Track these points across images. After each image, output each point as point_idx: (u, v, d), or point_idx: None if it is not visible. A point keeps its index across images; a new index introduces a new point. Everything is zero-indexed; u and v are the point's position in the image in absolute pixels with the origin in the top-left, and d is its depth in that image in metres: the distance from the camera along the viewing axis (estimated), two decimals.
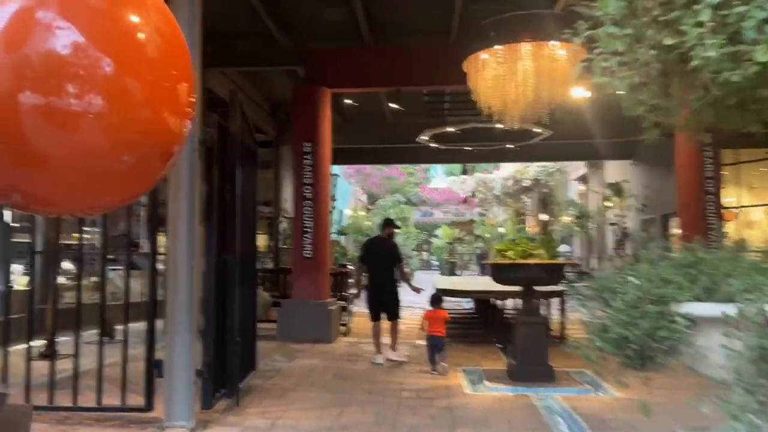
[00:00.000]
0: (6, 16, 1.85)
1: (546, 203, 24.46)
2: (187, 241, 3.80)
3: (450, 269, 24.33)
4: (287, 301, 7.63)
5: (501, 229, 29.40)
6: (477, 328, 8.82)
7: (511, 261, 5.19)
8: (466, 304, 11.17)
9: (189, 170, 3.78)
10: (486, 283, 9.42)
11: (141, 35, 2.08)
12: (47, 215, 3.29)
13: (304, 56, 7.96)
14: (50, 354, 5.43)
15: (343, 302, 8.32)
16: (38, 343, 5.74)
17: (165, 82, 2.16)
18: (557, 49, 5.22)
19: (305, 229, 7.67)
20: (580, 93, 7.67)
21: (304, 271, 7.63)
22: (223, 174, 4.22)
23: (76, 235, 9.57)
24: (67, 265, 8.78)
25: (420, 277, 29.50)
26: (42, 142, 1.91)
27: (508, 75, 5.23)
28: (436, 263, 39.67)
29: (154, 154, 2.19)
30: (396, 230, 7.19)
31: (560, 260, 5.54)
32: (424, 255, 46.06)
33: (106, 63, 1.96)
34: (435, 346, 5.75)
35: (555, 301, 8.00)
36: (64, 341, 5.95)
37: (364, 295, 7.07)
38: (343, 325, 8.23)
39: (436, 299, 6.12)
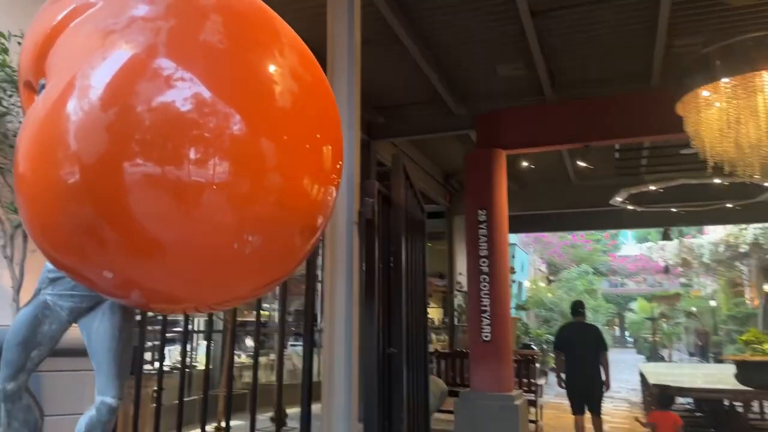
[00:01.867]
0: (113, 67, 1.50)
1: None
2: (345, 329, 3.27)
3: (652, 350, 21.19)
4: (466, 393, 6.75)
5: (712, 303, 25.15)
6: None
7: (766, 358, 3.80)
8: (683, 398, 9.15)
9: (347, 245, 3.30)
10: (714, 375, 7.57)
11: (276, 84, 1.62)
12: (174, 313, 3.02)
13: (476, 118, 7.44)
14: None
15: (531, 394, 7.18)
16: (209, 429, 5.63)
17: (305, 143, 1.66)
18: None
19: (482, 308, 6.83)
20: None
21: (482, 357, 6.73)
22: (387, 249, 3.69)
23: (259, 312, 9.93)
24: (248, 342, 8.99)
25: (614, 357, 26.16)
26: (156, 223, 1.44)
27: (743, 113, 4.07)
28: (630, 340, 35.29)
29: (293, 229, 1.70)
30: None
31: None
32: (616, 330, 41.62)
33: (234, 121, 1.51)
34: None
35: None
36: (237, 426, 5.77)
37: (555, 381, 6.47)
38: (533, 421, 7.07)
39: (668, 399, 4.82)
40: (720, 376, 7.25)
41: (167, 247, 1.52)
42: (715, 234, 21.16)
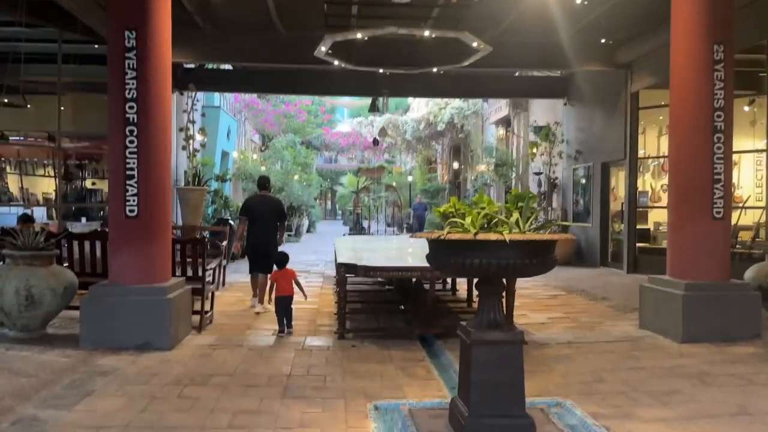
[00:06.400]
0: None
1: (459, 150, 22.56)
2: None
3: (355, 222, 22.02)
4: (98, 287, 4.84)
5: (410, 178, 27.39)
6: (394, 311, 6.52)
7: (467, 236, 2.83)
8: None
9: None
10: (405, 249, 7.18)
11: None
12: None
13: None
14: None
15: (199, 283, 5.63)
16: None
17: None
18: None
19: (128, 172, 4.83)
20: None
21: (126, 238, 4.85)
22: None
23: None
24: None
25: (322, 229, 26.84)
26: None
27: None
28: (339, 213, 37.32)
29: None
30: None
31: (549, 234, 3.24)
32: (328, 204, 43.67)
33: None
34: (283, 307, 5.55)
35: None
36: None
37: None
38: (197, 312, 5.60)
39: (283, 260, 5.78)
40: (412, 250, 6.82)
41: None
42: (418, 112, 22.26)
